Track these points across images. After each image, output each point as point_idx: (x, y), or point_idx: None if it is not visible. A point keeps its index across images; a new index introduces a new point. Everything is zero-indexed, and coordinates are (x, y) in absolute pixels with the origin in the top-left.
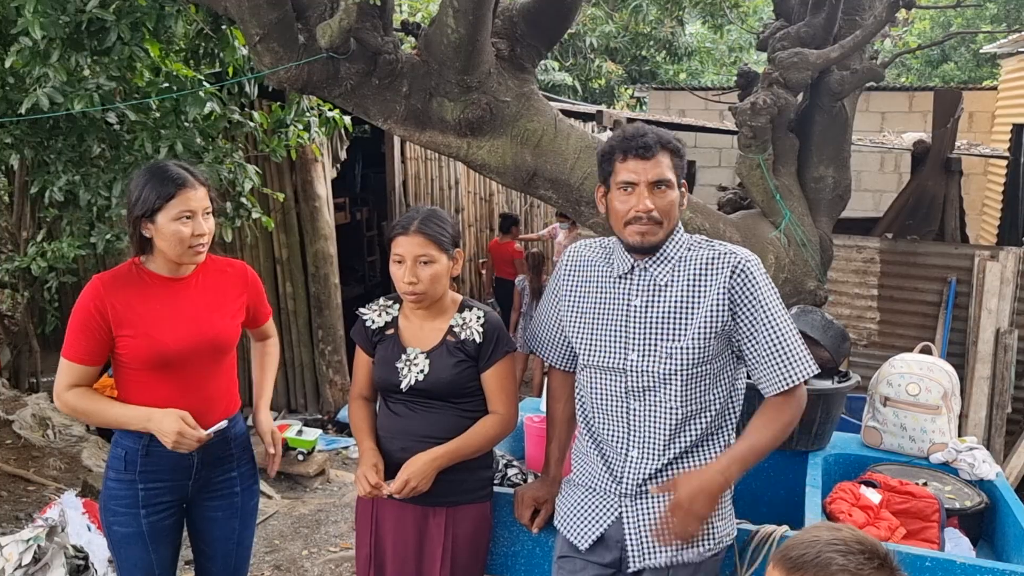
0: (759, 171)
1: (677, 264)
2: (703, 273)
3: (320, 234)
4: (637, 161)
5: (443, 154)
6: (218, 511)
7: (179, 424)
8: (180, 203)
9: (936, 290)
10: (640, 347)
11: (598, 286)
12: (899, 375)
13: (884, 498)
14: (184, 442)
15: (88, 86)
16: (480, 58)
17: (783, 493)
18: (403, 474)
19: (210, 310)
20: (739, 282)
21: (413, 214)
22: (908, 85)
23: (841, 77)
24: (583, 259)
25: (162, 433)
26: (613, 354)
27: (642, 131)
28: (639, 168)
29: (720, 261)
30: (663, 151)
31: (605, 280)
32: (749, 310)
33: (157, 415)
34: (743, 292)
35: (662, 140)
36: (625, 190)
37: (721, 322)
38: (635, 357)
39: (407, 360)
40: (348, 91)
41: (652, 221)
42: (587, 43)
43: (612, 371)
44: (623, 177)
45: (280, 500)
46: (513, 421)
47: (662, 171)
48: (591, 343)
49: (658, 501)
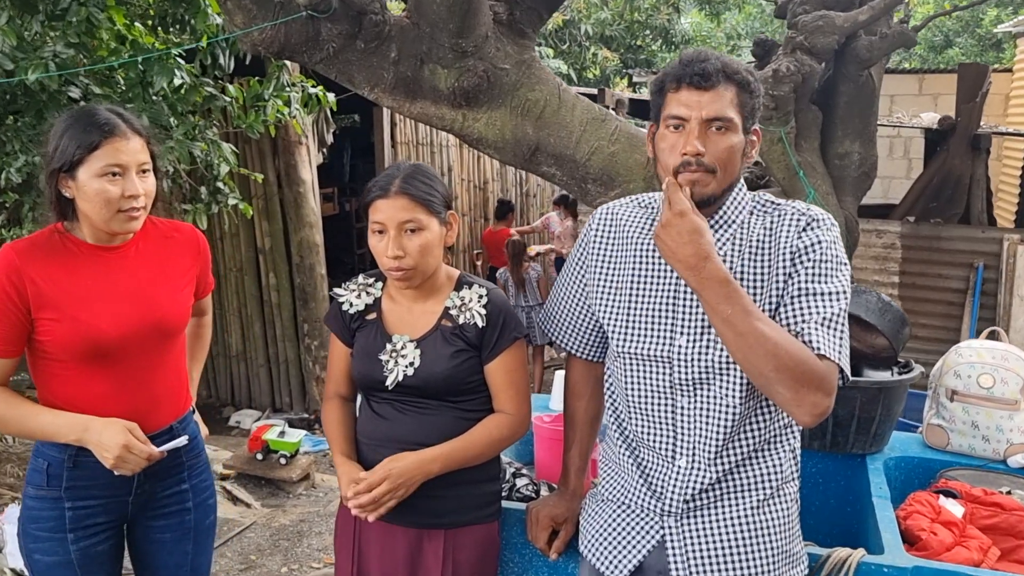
0: (780, 146)
1: (738, 230)
2: (769, 238)
3: (305, 222)
4: (691, 92)
5: (436, 127)
6: (166, 532)
7: (125, 436)
8: (107, 155)
9: (962, 276)
10: (691, 330)
11: (638, 255)
12: (968, 365)
13: (967, 511)
14: (130, 460)
15: (44, 54)
16: (476, 20)
17: (833, 502)
18: (381, 469)
19: (154, 285)
20: (808, 236)
21: (393, 172)
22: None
23: (870, 42)
24: (618, 221)
25: (102, 447)
26: (657, 339)
27: (704, 54)
28: (692, 100)
29: (789, 220)
30: (727, 82)
31: (647, 248)
32: (806, 266)
33: (96, 425)
34: (810, 246)
35: (727, 68)
36: (674, 128)
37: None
38: (685, 343)
39: (393, 351)
40: (330, 56)
41: (702, 168)
42: (582, 31)
43: (655, 360)
44: (672, 110)
45: (259, 509)
46: (525, 423)
47: (721, 107)
48: (628, 326)
49: (711, 521)
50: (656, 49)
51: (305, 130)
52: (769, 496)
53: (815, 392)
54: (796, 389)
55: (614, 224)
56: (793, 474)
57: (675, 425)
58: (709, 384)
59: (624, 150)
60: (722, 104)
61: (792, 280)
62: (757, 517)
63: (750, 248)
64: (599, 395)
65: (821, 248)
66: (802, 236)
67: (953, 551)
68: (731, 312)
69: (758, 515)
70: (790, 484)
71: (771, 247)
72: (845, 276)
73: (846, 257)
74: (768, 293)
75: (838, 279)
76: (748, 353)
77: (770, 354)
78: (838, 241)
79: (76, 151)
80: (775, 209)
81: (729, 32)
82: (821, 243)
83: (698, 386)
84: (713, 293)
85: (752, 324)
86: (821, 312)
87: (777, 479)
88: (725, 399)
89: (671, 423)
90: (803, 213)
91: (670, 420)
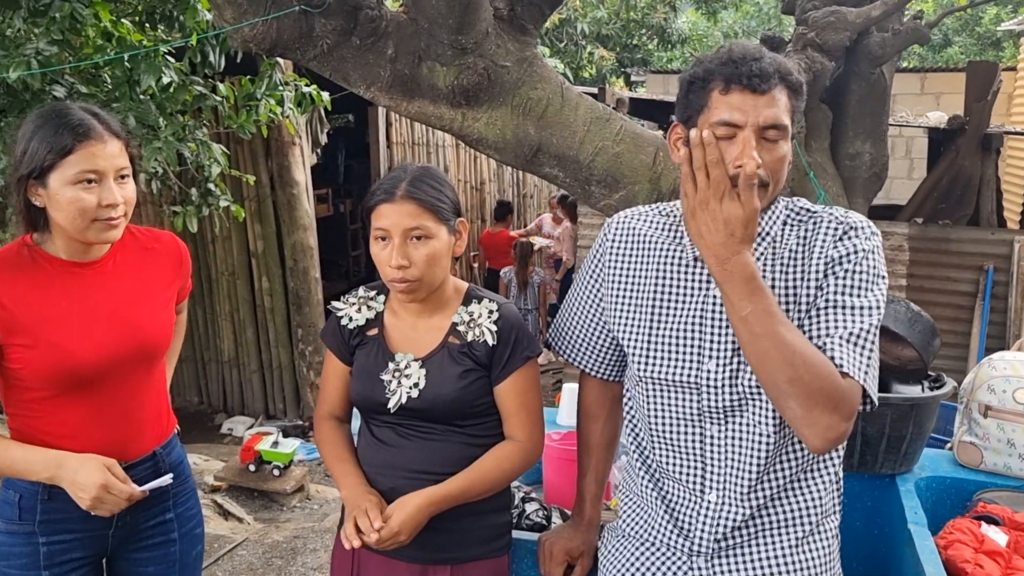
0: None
1: (771, 243)
2: (803, 249)
3: (299, 224)
4: (746, 95)
5: (434, 127)
6: (150, 566)
7: (103, 475)
8: (81, 160)
9: (971, 279)
10: (722, 354)
11: (661, 271)
12: (1004, 379)
13: (1011, 539)
14: (108, 501)
15: (26, 51)
16: (476, 16)
17: (859, 524)
18: (395, 521)
19: (134, 304)
20: (843, 248)
21: (399, 174)
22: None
23: (882, 39)
24: (637, 232)
25: (77, 487)
26: (683, 364)
27: (757, 51)
28: (748, 104)
29: (825, 228)
30: (781, 85)
31: (671, 263)
32: (837, 279)
33: (71, 462)
34: (842, 260)
35: (781, 69)
36: (721, 136)
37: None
38: (714, 367)
39: (396, 370)
40: (324, 53)
41: (760, 184)
42: (578, 29)
43: (682, 386)
44: (722, 115)
45: (252, 524)
46: (537, 450)
47: (778, 112)
48: (651, 349)
49: (744, 562)
50: (652, 48)
51: (299, 130)
52: (809, 533)
53: (830, 413)
54: (809, 407)
55: (633, 235)
56: (835, 507)
57: (704, 456)
58: (741, 412)
59: (629, 151)
60: (778, 109)
61: (822, 291)
62: (796, 556)
63: (782, 261)
64: (616, 416)
65: (857, 258)
66: (838, 245)
67: None
68: (751, 311)
69: (797, 554)
70: (831, 519)
71: (804, 258)
72: (881, 290)
73: (885, 269)
74: (799, 306)
75: (873, 293)
76: (762, 358)
77: (786, 362)
78: (877, 251)
79: (47, 156)
80: (810, 218)
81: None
82: (858, 252)
83: (729, 414)
84: (735, 288)
85: (771, 326)
86: (848, 327)
87: (817, 513)
88: (759, 427)
89: (699, 454)
90: (841, 221)
91: (698, 451)
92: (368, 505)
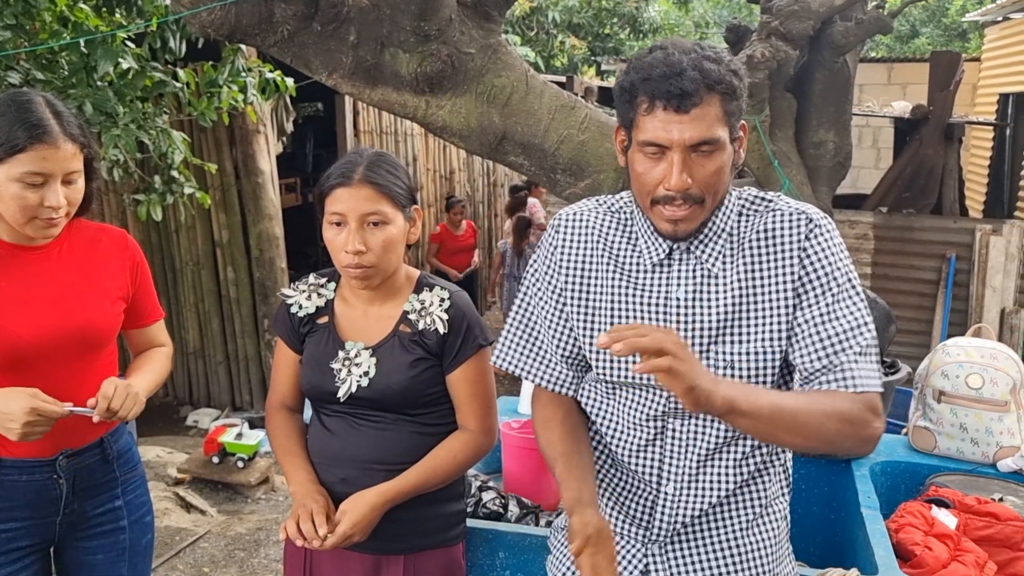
0: (755, 134)
1: (729, 239)
2: (768, 246)
3: (264, 214)
4: (670, 114)
5: (398, 115)
6: (98, 553)
7: (31, 400)
8: (29, 161)
9: (934, 267)
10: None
11: (617, 271)
12: (956, 364)
13: (961, 522)
14: (40, 424)
15: None
16: (439, 2)
17: (816, 510)
18: (345, 524)
19: (78, 290)
20: (814, 247)
21: (355, 158)
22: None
23: (845, 28)
24: (587, 232)
25: (7, 417)
26: None
27: (678, 65)
28: (672, 125)
29: (788, 225)
30: (709, 95)
31: (625, 262)
32: (822, 285)
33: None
34: (817, 261)
35: (708, 79)
36: (651, 154)
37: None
38: None
39: (346, 359)
40: (285, 39)
41: (690, 201)
42: (549, 18)
43: (645, 388)
44: (648, 135)
45: (215, 516)
46: (491, 438)
47: (707, 128)
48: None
49: (696, 547)
50: (624, 37)
51: (263, 118)
52: (758, 515)
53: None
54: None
55: (585, 232)
56: (782, 490)
57: (663, 450)
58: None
59: (594, 139)
60: (706, 124)
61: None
62: (744, 539)
63: (744, 256)
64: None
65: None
66: (810, 243)
67: (950, 568)
68: (746, 425)
69: (746, 536)
70: (779, 500)
71: (770, 253)
72: (861, 296)
73: (851, 260)
74: (777, 299)
75: (859, 294)
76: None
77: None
78: (843, 244)
79: None
80: (767, 209)
81: (698, 20)
82: (833, 252)
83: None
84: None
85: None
86: (857, 339)
87: (766, 496)
88: (717, 420)
89: (658, 447)
90: (801, 212)
91: (657, 444)
92: (314, 507)
